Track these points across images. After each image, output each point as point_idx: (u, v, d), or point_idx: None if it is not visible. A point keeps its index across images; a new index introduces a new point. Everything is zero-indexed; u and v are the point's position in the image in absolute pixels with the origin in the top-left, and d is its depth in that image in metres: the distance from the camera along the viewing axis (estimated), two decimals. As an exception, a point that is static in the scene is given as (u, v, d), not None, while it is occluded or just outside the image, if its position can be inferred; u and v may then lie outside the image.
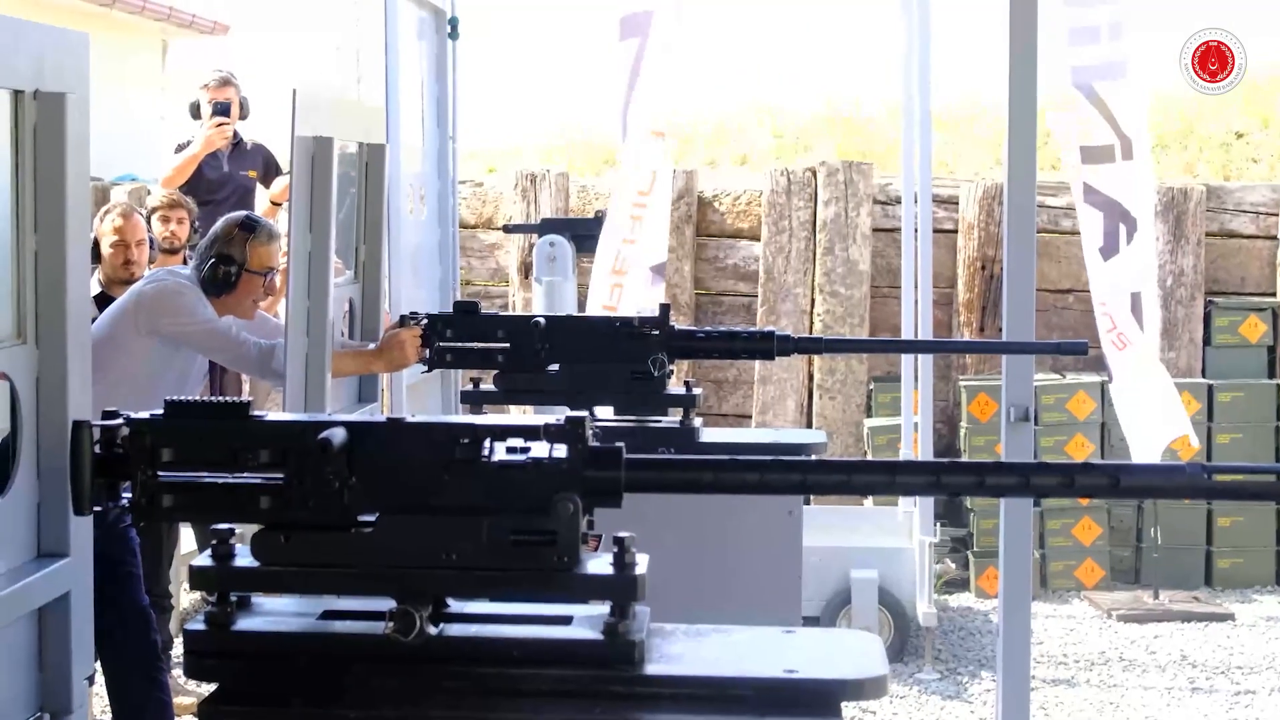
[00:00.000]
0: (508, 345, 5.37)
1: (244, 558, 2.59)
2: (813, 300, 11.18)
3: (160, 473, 2.59)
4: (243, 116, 9.22)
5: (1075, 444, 10.28)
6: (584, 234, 9.47)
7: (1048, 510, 10.19)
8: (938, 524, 9.07)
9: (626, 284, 9.29)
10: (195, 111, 9.13)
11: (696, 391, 5.41)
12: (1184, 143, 14.00)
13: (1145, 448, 8.83)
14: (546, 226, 9.69)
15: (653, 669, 2.49)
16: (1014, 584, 5.14)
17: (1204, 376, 10.77)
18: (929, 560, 8.81)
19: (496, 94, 16.55)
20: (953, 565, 10.00)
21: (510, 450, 2.53)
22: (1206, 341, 10.94)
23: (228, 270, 6.02)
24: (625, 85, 9.52)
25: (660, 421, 5.43)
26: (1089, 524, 10.25)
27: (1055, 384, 10.38)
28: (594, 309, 8.99)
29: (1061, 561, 10.28)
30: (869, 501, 10.02)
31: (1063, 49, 9.28)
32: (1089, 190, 9.33)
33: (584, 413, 2.53)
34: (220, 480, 2.59)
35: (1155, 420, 8.95)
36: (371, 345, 6.03)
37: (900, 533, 9.19)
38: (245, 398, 2.68)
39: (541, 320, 5.35)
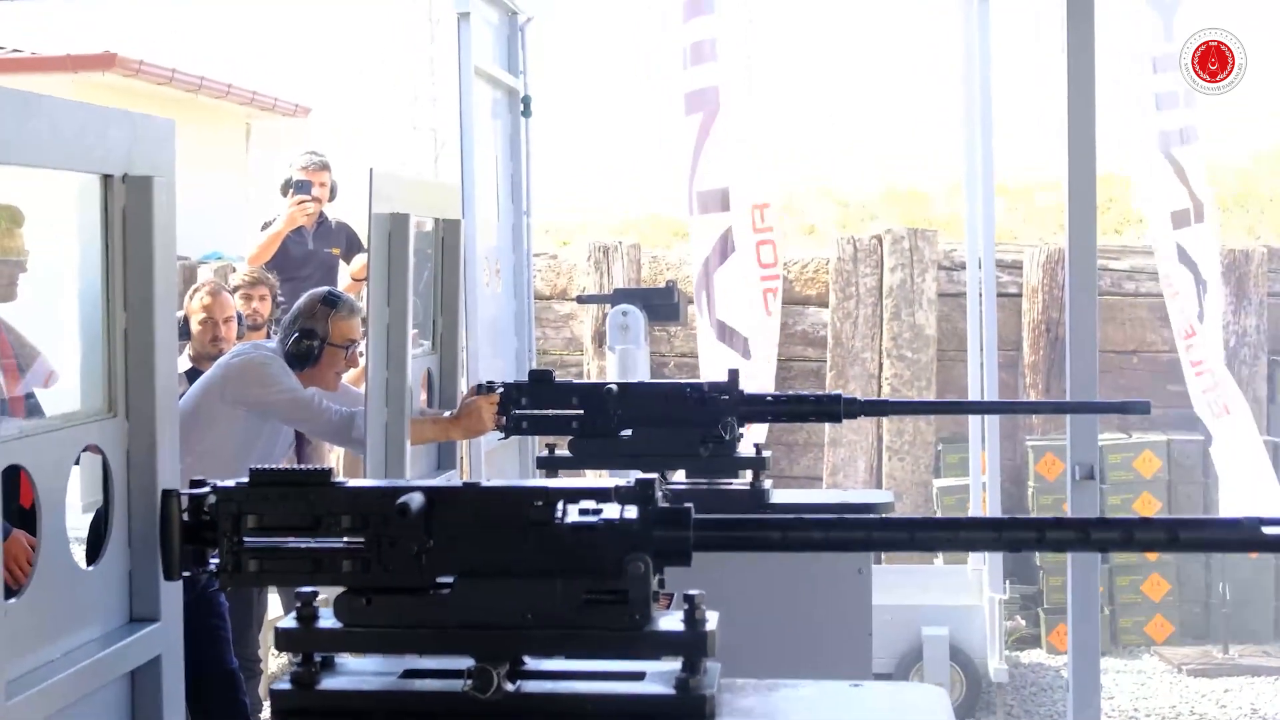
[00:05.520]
0: (582, 411, 5.45)
1: (327, 619, 2.65)
2: (880, 364, 11.22)
3: (246, 539, 2.67)
4: (331, 199, 9.37)
5: (1142, 502, 10.25)
6: (656, 303, 9.55)
7: (1116, 566, 10.17)
8: (1007, 581, 9.07)
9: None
10: (285, 189, 9.29)
11: (766, 454, 5.47)
12: (1244, 205, 13.99)
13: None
14: (619, 296, 9.77)
15: (724, 723, 2.53)
16: (1083, 640, 5.16)
17: (1269, 434, 10.73)
18: (999, 617, 8.82)
19: (569, 170, 16.70)
20: (1023, 622, 9.99)
21: (582, 512, 2.58)
22: (1270, 400, 10.93)
23: (311, 344, 6.13)
24: (691, 158, 9.66)
25: (731, 484, 5.50)
26: (1158, 580, 10.22)
27: (1121, 443, 10.37)
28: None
29: (1131, 617, 10.24)
30: (939, 560, 10.03)
31: (1150, 115, 9.34)
32: (1181, 253, 9.41)
33: (654, 475, 2.60)
34: (304, 545, 2.67)
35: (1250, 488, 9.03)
36: (449, 413, 6.13)
37: (970, 590, 9.18)
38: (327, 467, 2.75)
39: (614, 387, 5.42)
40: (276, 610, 8.28)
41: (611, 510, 2.58)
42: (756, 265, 9.80)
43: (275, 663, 8.50)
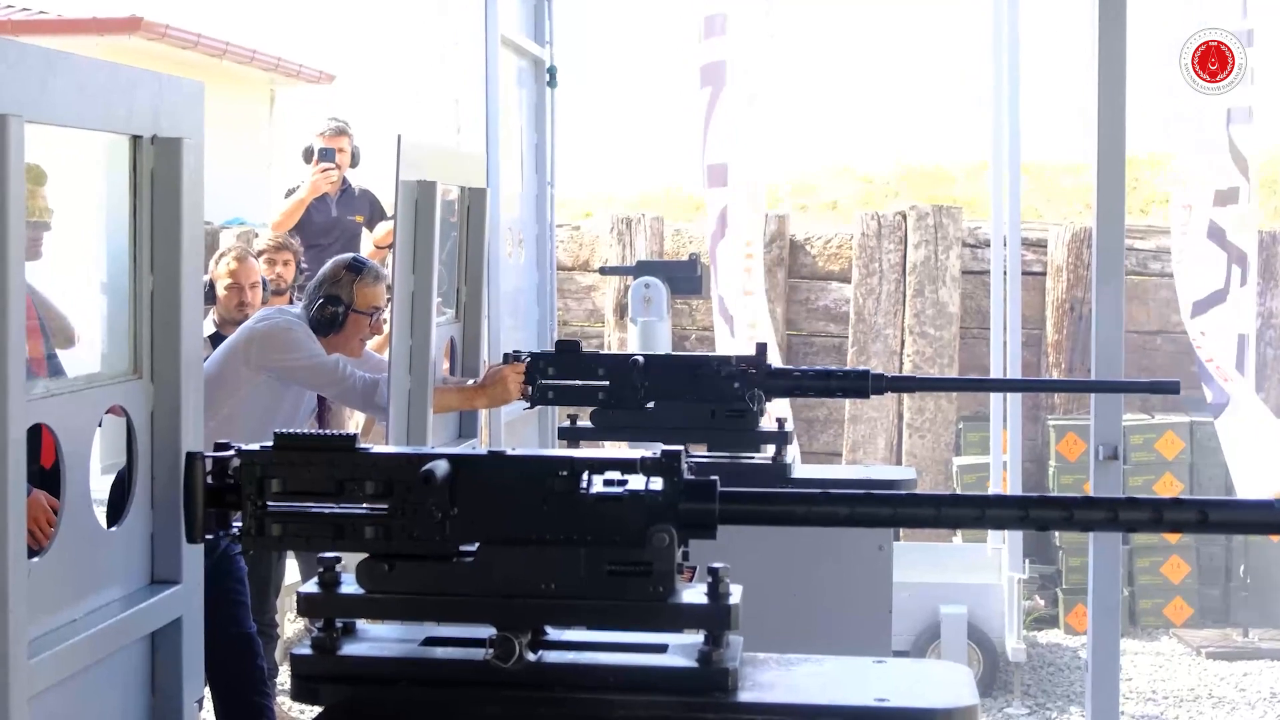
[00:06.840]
0: (608, 383, 5.45)
1: (349, 585, 2.65)
2: (902, 341, 11.21)
3: (269, 503, 2.67)
4: (353, 164, 9.39)
5: (1164, 483, 10.24)
6: (678, 276, 9.57)
7: (1137, 548, 10.17)
8: (1026, 561, 9.07)
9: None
10: (308, 157, 9.31)
11: (789, 429, 5.46)
12: (1273, 187, 13.94)
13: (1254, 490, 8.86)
14: (641, 269, 9.78)
15: (746, 697, 2.53)
16: (1103, 620, 5.14)
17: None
18: (1018, 596, 8.81)
19: (593, 141, 16.70)
20: (1041, 602, 9.99)
21: (607, 483, 2.58)
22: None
23: (335, 310, 6.12)
24: (701, 131, 9.66)
25: (754, 458, 5.49)
26: (1178, 562, 10.22)
27: (1144, 424, 10.35)
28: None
29: (1150, 599, 10.25)
30: (958, 538, 10.02)
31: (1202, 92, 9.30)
32: (1216, 231, 9.36)
33: (679, 447, 2.58)
34: (327, 510, 2.66)
35: (1265, 464, 9.00)
36: (473, 382, 6.13)
37: (989, 569, 9.18)
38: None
39: (641, 359, 5.42)
40: (294, 575, 8.31)
41: (637, 481, 2.57)
42: (744, 244, 9.81)
43: (292, 628, 8.53)
